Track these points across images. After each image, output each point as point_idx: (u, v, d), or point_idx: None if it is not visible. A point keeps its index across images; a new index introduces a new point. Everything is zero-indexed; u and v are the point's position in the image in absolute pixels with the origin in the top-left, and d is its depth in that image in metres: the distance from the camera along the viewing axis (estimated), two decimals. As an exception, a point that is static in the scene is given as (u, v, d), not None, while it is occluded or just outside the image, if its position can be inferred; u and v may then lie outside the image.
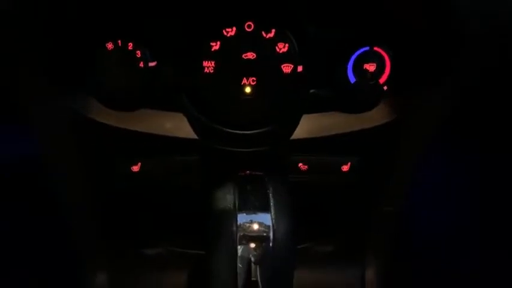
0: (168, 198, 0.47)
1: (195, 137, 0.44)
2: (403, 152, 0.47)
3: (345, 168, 0.47)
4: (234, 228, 0.34)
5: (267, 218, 0.35)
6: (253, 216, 0.35)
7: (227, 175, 0.39)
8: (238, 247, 0.34)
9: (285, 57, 0.41)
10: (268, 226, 0.34)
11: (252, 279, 0.34)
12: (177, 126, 0.43)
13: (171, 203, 0.48)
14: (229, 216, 0.35)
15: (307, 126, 0.44)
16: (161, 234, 0.50)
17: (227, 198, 0.36)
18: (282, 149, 0.45)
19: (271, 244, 0.34)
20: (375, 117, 0.45)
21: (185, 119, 0.43)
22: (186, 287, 0.51)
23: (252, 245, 0.34)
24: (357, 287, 0.52)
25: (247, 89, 0.42)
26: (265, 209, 0.35)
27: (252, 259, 0.34)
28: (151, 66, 0.41)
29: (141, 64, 0.40)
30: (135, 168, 0.45)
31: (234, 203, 0.35)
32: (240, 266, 0.34)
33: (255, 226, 0.34)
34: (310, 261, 0.51)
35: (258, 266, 0.34)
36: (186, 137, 0.43)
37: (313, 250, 0.53)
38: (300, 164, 0.46)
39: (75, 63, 0.40)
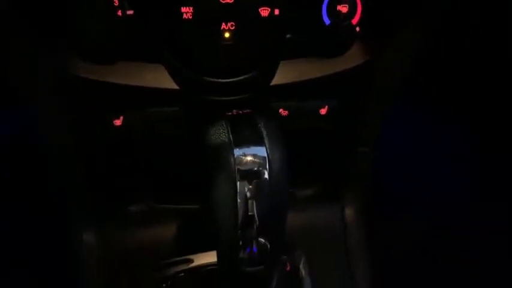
0: (152, 151, 0.47)
1: (176, 87, 0.44)
2: (376, 93, 0.49)
3: (323, 111, 0.48)
4: (232, 161, 0.35)
5: (262, 151, 0.36)
6: (248, 150, 0.36)
7: (216, 115, 0.40)
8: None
9: (262, 0, 0.41)
10: (264, 158, 0.35)
11: (249, 213, 0.35)
12: (158, 77, 0.43)
13: (155, 157, 0.48)
14: (226, 150, 0.36)
15: (285, 72, 0.46)
16: (146, 190, 0.51)
17: (221, 133, 0.37)
18: (262, 96, 0.46)
19: (267, 177, 0.35)
20: (349, 60, 0.47)
21: (166, 70, 0.43)
22: (173, 241, 0.52)
23: (249, 179, 0.35)
24: (338, 227, 0.55)
25: (226, 34, 0.42)
26: (259, 142, 0.36)
27: (248, 194, 0.35)
28: (129, 15, 0.40)
29: (119, 13, 0.40)
30: (118, 122, 0.45)
31: (229, 138, 0.36)
32: (239, 200, 0.35)
33: (251, 159, 0.35)
34: (291, 205, 0.53)
35: (254, 201, 0.35)
36: (167, 88, 0.44)
37: (293, 195, 0.54)
38: (281, 110, 0.47)
39: (54, 14, 0.39)
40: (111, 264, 0.50)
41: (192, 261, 0.50)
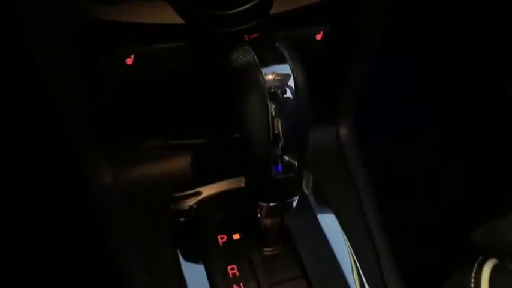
0: (163, 88, 0.49)
1: (182, 22, 0.45)
2: (366, 19, 0.53)
3: (319, 36, 0.51)
4: (262, 79, 0.37)
5: (286, 69, 0.38)
6: (273, 69, 0.38)
7: (235, 40, 0.42)
8: None
9: None
10: (289, 76, 0.38)
11: (275, 132, 0.38)
12: (165, 13, 0.44)
13: (166, 93, 0.49)
14: (255, 70, 0.38)
15: (281, 1, 0.48)
16: (157, 127, 0.52)
17: (246, 55, 0.39)
18: (262, 25, 0.48)
19: (291, 95, 0.38)
20: None
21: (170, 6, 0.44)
22: (185, 174, 0.54)
23: (275, 97, 0.38)
24: (334, 147, 0.59)
25: None
26: (282, 61, 0.39)
27: (273, 112, 0.38)
28: None
29: None
30: (129, 61, 0.46)
31: (255, 59, 0.38)
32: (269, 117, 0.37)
33: (277, 77, 0.38)
34: None
35: (279, 119, 0.38)
36: (174, 23, 0.45)
37: None
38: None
39: None
40: (128, 201, 0.52)
41: (201, 193, 0.53)
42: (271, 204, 0.43)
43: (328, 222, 0.51)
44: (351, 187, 0.57)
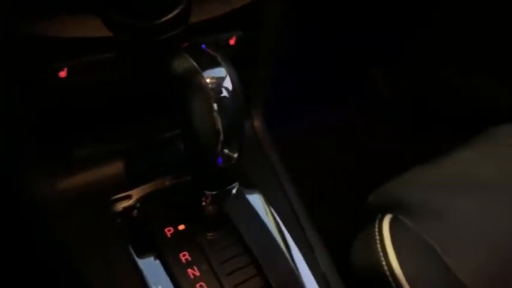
0: (98, 95, 0.51)
1: (110, 34, 0.48)
2: (270, 22, 0.61)
3: (232, 41, 0.58)
4: (204, 82, 0.43)
5: (221, 72, 0.44)
6: (210, 72, 0.44)
7: (172, 49, 0.46)
8: None
9: None
10: (224, 77, 0.44)
11: (217, 128, 0.44)
12: (94, 27, 0.47)
13: (100, 101, 0.52)
14: (196, 73, 0.43)
15: (199, 10, 0.53)
16: (92, 133, 0.54)
17: (186, 61, 0.44)
18: (183, 34, 0.53)
19: (227, 94, 0.44)
20: None
21: (99, 19, 0.47)
22: (122, 177, 0.57)
23: (215, 97, 0.43)
24: (250, 135, 0.66)
25: None
26: (217, 65, 0.44)
27: (215, 112, 0.43)
28: None
29: None
30: (63, 74, 0.47)
31: (194, 64, 0.44)
32: None
33: (215, 80, 0.43)
34: None
35: (220, 117, 0.44)
36: (103, 36, 0.48)
37: None
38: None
39: None
40: (69, 209, 0.53)
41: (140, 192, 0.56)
42: (215, 192, 0.49)
43: (256, 200, 0.58)
44: (267, 167, 0.64)
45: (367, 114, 1.13)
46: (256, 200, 0.59)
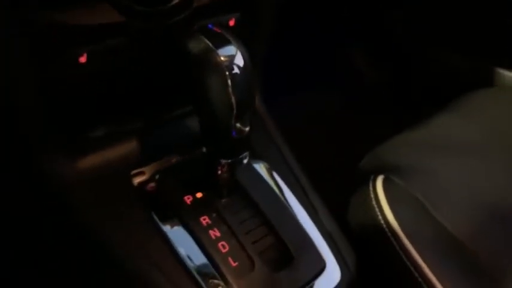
0: (115, 82, 0.55)
1: (123, 19, 0.52)
2: (265, 6, 0.65)
3: (232, 23, 0.62)
4: (219, 60, 0.47)
5: (233, 50, 0.49)
6: (224, 50, 0.48)
7: (185, 31, 0.50)
8: None
9: None
10: (236, 55, 0.48)
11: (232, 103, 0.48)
12: (108, 13, 0.51)
13: (117, 86, 0.56)
14: (212, 52, 0.48)
15: None
16: (107, 115, 0.58)
17: (201, 41, 0.49)
18: (190, 16, 0.57)
19: (240, 71, 0.48)
20: None
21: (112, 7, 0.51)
22: (138, 155, 0.61)
23: (229, 73, 0.48)
24: None
25: None
26: (229, 43, 0.49)
27: (230, 88, 0.48)
28: None
29: None
30: (83, 59, 0.51)
31: (208, 43, 0.48)
32: None
33: (228, 57, 0.48)
34: None
35: (235, 93, 0.48)
36: (118, 21, 0.52)
37: None
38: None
39: None
40: (91, 188, 0.57)
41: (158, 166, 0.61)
42: (230, 160, 0.54)
43: (262, 168, 0.64)
44: (269, 140, 0.70)
45: (351, 96, 1.21)
46: (262, 169, 0.64)
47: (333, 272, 0.59)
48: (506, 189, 0.70)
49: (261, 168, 0.64)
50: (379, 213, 0.65)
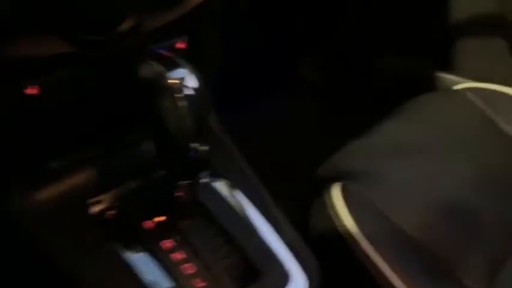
0: (69, 112, 0.54)
1: (74, 50, 0.52)
2: (208, 25, 0.67)
3: (181, 45, 0.63)
4: (172, 82, 0.48)
5: (184, 72, 0.50)
6: (175, 73, 0.49)
7: (135, 58, 0.51)
8: None
9: None
10: (188, 76, 0.49)
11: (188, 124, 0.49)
12: (55, 44, 0.51)
13: (72, 115, 0.55)
14: (163, 76, 0.48)
15: (149, 19, 0.58)
16: (62, 146, 0.57)
17: (153, 66, 0.49)
18: (139, 42, 0.58)
19: (193, 92, 0.49)
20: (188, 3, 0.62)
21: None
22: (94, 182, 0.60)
23: (183, 96, 0.49)
24: None
25: None
26: (179, 66, 0.50)
27: (184, 110, 0.49)
28: None
29: None
30: (33, 91, 0.50)
31: (159, 68, 0.49)
32: None
33: (180, 80, 0.49)
34: None
35: (189, 114, 0.49)
36: (64, 52, 0.51)
37: None
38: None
39: None
40: (48, 219, 0.56)
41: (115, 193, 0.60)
42: (189, 181, 0.54)
43: (222, 186, 0.64)
44: (227, 156, 0.70)
45: (304, 105, 1.24)
46: (222, 187, 0.65)
47: (298, 282, 0.60)
48: (453, 186, 0.74)
49: (221, 186, 0.65)
50: (337, 221, 0.67)
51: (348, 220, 0.67)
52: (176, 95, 0.49)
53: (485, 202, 0.74)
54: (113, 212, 0.59)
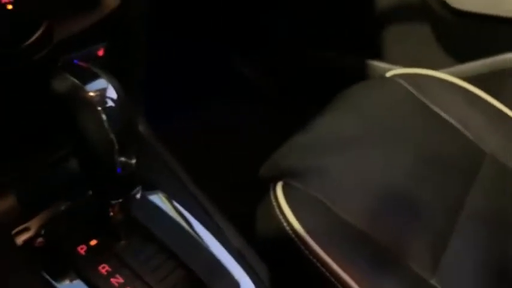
0: None
1: None
2: (133, 31, 0.63)
3: (100, 53, 0.59)
4: (88, 96, 0.44)
5: (103, 83, 0.46)
6: (93, 85, 0.45)
7: (47, 70, 0.46)
8: None
9: None
10: (107, 88, 0.46)
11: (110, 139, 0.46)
12: None
13: None
14: (79, 89, 0.44)
15: (60, 27, 0.54)
16: None
17: (67, 79, 0.45)
18: (52, 53, 0.53)
19: (113, 104, 0.46)
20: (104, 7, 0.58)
21: None
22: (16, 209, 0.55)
23: (102, 108, 0.45)
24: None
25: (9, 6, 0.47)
26: (96, 77, 0.46)
27: (106, 123, 0.45)
28: None
29: None
30: None
31: (75, 80, 0.45)
32: None
33: (99, 92, 0.45)
34: None
35: (111, 127, 0.45)
36: None
37: None
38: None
39: None
40: None
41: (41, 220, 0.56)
42: (121, 200, 0.51)
43: (159, 199, 0.61)
44: (162, 166, 0.67)
45: (241, 105, 1.22)
46: (159, 199, 0.61)
47: (247, 290, 0.58)
48: (393, 174, 0.75)
49: (158, 199, 0.62)
50: (283, 220, 0.66)
51: (292, 219, 0.66)
52: (95, 108, 0.45)
53: (424, 185, 0.76)
54: (41, 239, 0.54)
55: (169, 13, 1.05)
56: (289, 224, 0.66)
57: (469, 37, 1.03)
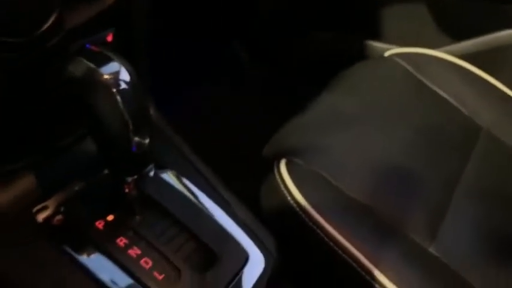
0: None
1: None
2: (136, 17, 0.65)
3: (109, 38, 0.62)
4: (104, 78, 0.47)
5: (116, 66, 0.48)
6: (107, 68, 0.48)
7: (62, 56, 0.49)
8: None
9: None
10: (121, 70, 0.48)
11: (126, 120, 0.48)
12: None
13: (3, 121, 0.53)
14: (95, 72, 0.47)
15: (71, 15, 0.56)
16: None
17: (83, 64, 0.47)
18: (64, 39, 0.56)
19: (127, 86, 0.48)
20: None
21: None
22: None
23: (117, 90, 0.48)
24: None
25: None
26: (111, 60, 0.48)
27: (121, 104, 0.48)
28: None
29: None
30: None
31: (90, 64, 0.47)
32: None
33: (113, 74, 0.48)
34: None
35: (126, 108, 0.48)
36: None
37: None
38: None
39: None
40: None
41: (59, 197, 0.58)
42: (135, 176, 0.54)
43: (170, 177, 0.64)
44: (170, 146, 0.70)
45: (240, 89, 1.25)
46: (169, 177, 0.65)
47: (256, 259, 0.62)
48: (391, 151, 0.78)
49: (168, 176, 0.65)
50: (287, 195, 0.69)
51: (296, 194, 0.69)
52: (110, 90, 0.47)
53: (423, 160, 0.79)
54: (60, 217, 0.57)
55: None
56: (293, 198, 0.69)
57: (465, 16, 1.05)
